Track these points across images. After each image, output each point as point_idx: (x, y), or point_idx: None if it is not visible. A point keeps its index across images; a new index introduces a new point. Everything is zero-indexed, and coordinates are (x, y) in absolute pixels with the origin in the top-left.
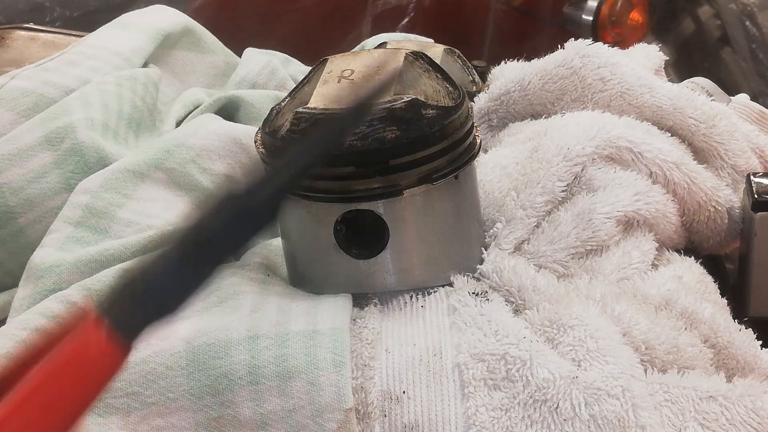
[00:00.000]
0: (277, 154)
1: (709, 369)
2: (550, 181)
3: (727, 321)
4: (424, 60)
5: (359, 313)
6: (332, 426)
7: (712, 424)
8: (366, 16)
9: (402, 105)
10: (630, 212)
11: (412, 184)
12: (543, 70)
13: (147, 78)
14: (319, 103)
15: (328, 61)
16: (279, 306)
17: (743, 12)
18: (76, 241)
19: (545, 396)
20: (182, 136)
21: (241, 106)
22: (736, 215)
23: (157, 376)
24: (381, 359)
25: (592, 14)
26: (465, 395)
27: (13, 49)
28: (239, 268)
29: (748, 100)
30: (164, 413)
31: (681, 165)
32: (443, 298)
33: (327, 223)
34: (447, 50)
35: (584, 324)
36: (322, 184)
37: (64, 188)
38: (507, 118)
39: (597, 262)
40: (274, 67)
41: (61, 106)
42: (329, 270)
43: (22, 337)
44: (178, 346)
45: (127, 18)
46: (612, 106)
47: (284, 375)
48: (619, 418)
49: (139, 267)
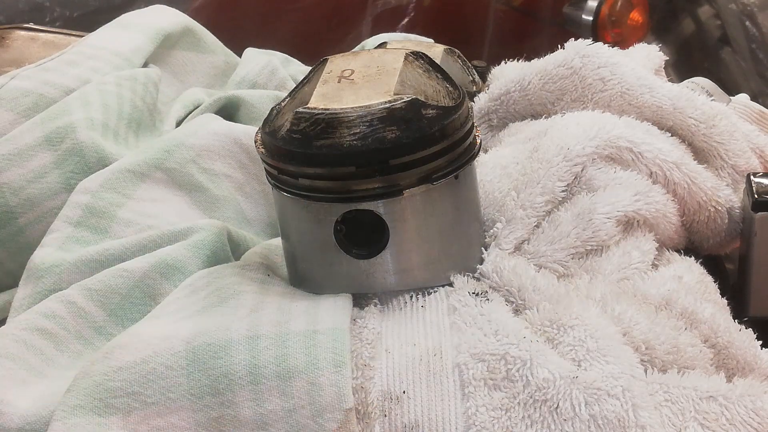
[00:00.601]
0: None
1: (709, 369)
2: (550, 181)
3: (727, 321)
4: (424, 60)
5: (359, 313)
6: (332, 426)
7: (712, 424)
8: (366, 16)
9: (402, 105)
10: (630, 212)
11: (412, 184)
12: (543, 70)
13: (147, 78)
14: (319, 103)
15: (328, 61)
16: (279, 306)
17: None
18: (76, 241)
19: (545, 396)
20: (182, 136)
21: (241, 106)
22: (736, 215)
23: (157, 376)
24: (381, 359)
25: (592, 14)
26: (465, 395)
27: (13, 49)
28: (239, 268)
29: (748, 100)
30: (164, 413)
31: (681, 165)
32: (443, 298)
33: (327, 223)
34: (447, 50)
35: (584, 324)
36: (322, 184)
37: (64, 188)
38: (507, 118)
39: (597, 262)
40: (274, 67)
41: (61, 106)
42: (329, 270)
43: (23, 337)
44: (178, 346)
45: (127, 18)
46: (612, 106)
47: (284, 375)
48: (619, 418)
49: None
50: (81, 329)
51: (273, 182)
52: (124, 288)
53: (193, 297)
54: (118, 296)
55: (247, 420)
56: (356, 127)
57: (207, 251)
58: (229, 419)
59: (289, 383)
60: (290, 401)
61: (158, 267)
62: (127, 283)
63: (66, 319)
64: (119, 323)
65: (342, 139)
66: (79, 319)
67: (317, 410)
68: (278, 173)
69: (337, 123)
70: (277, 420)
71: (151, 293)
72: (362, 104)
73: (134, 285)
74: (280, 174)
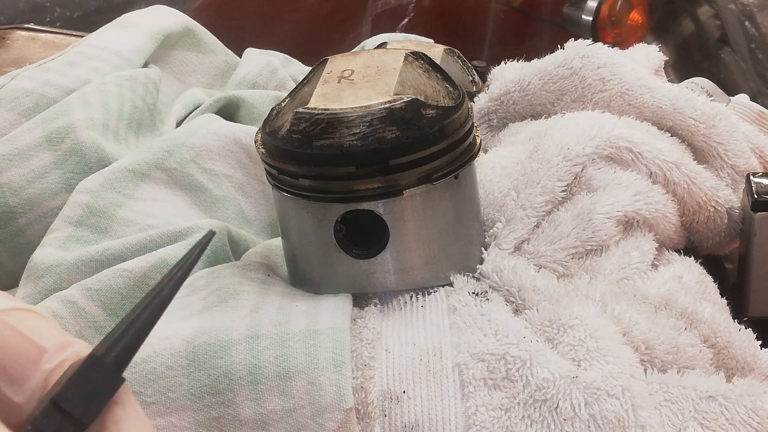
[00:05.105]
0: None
1: (709, 369)
2: (550, 181)
3: (727, 321)
4: (424, 60)
5: (359, 313)
6: (332, 426)
7: (712, 424)
8: (366, 16)
9: (402, 105)
10: (630, 212)
11: (412, 184)
12: (543, 70)
13: (147, 78)
14: (319, 103)
15: (328, 61)
16: (279, 306)
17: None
18: (77, 241)
19: (545, 396)
20: (182, 136)
21: (242, 106)
22: (735, 215)
23: (157, 376)
24: (381, 359)
25: (592, 14)
26: (465, 395)
27: (13, 49)
28: (240, 268)
29: (747, 100)
30: (164, 413)
31: (681, 165)
32: (443, 298)
33: (327, 223)
34: (447, 50)
35: (584, 324)
36: (322, 185)
37: (65, 188)
38: (507, 118)
39: (597, 262)
40: (274, 67)
41: (62, 106)
42: (329, 270)
43: None
44: (179, 345)
45: (128, 18)
46: (612, 106)
47: (284, 375)
48: (619, 417)
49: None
50: (81, 329)
51: (273, 182)
52: (124, 288)
53: (193, 297)
54: (119, 296)
55: (247, 420)
56: (356, 127)
57: (207, 251)
58: (230, 419)
59: (289, 383)
60: (290, 401)
61: (158, 267)
62: (127, 283)
63: (66, 319)
64: None
65: (342, 139)
66: (80, 318)
67: (317, 410)
68: (278, 173)
69: (337, 123)
70: (278, 420)
71: None
72: (362, 104)
73: (134, 285)
74: (280, 174)
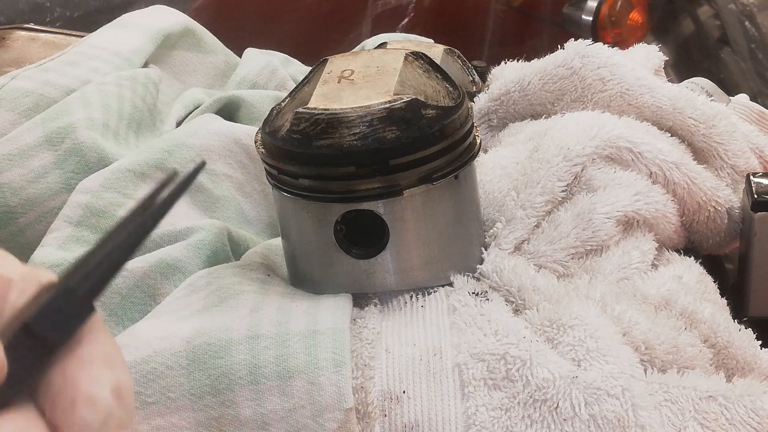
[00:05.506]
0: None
1: (709, 369)
2: (550, 181)
3: (727, 321)
4: (424, 60)
5: (359, 313)
6: (332, 426)
7: (712, 424)
8: (366, 16)
9: (402, 105)
10: (630, 212)
11: (412, 184)
12: (543, 70)
13: (147, 78)
14: (319, 103)
15: (328, 61)
16: (279, 306)
17: (743, 12)
18: (77, 241)
19: (545, 396)
20: (183, 136)
21: (241, 106)
22: (735, 215)
23: (157, 376)
24: (381, 359)
25: (592, 14)
26: (465, 395)
27: (13, 49)
28: (240, 268)
29: (747, 100)
30: (165, 413)
31: (681, 165)
32: (443, 298)
33: (327, 223)
34: (447, 50)
35: (584, 324)
36: (322, 184)
37: (65, 188)
38: (507, 118)
39: (597, 262)
40: (274, 67)
41: (62, 106)
42: (329, 270)
43: None
44: (179, 345)
45: (128, 18)
46: (612, 106)
47: (284, 375)
48: (619, 417)
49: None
50: None
51: (273, 182)
52: (124, 288)
53: (193, 297)
54: (118, 296)
55: (247, 420)
56: (356, 127)
57: (207, 251)
58: (230, 419)
59: (289, 383)
60: (290, 401)
61: (158, 267)
62: (127, 282)
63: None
64: (119, 323)
65: (342, 140)
66: None
67: (317, 410)
68: (278, 173)
69: (337, 123)
70: (277, 420)
71: (151, 293)
72: (362, 104)
73: (134, 285)
74: (280, 174)
